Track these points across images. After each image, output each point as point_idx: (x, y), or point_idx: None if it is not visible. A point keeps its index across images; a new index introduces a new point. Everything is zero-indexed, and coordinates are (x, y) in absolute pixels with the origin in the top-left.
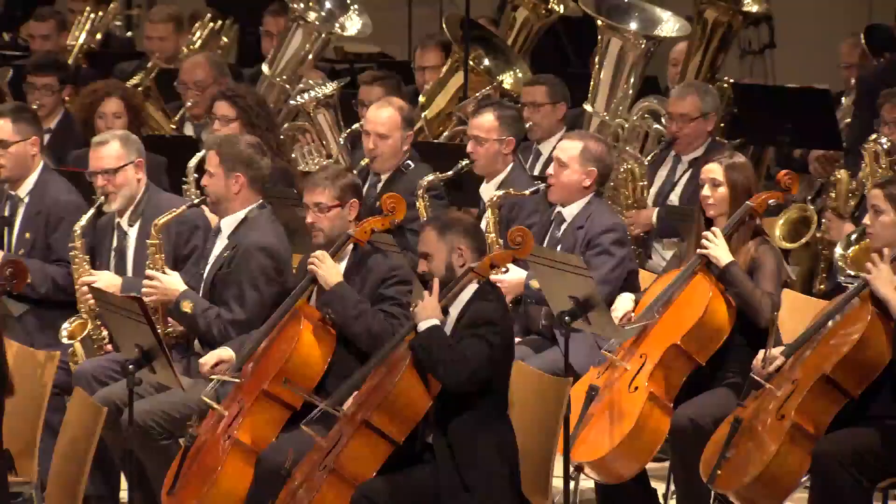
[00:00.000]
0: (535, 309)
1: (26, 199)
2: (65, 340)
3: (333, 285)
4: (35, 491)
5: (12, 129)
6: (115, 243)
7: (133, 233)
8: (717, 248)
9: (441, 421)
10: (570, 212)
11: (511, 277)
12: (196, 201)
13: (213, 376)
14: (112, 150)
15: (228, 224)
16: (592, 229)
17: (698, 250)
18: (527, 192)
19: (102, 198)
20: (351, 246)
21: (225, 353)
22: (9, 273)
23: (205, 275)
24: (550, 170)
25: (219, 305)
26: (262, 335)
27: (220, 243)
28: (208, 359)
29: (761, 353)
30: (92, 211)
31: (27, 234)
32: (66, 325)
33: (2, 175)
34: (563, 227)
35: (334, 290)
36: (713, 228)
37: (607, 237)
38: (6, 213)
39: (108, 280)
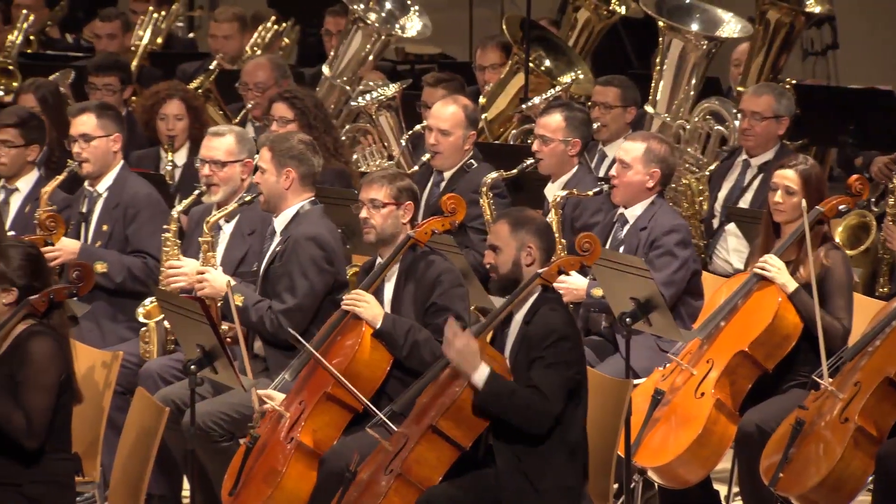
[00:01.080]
0: (597, 315)
1: (105, 195)
2: (140, 318)
3: (378, 327)
4: (98, 490)
5: (96, 123)
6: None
7: (228, 229)
8: (781, 273)
9: (507, 424)
10: (633, 213)
11: (573, 283)
12: (248, 199)
13: (261, 409)
14: (225, 144)
15: (281, 221)
16: (655, 230)
17: (755, 269)
18: (590, 192)
19: (204, 187)
20: (410, 247)
21: (280, 396)
22: (76, 275)
23: (260, 272)
24: (614, 171)
25: (271, 299)
26: (323, 338)
27: (276, 241)
28: (262, 393)
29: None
30: (192, 198)
31: (104, 227)
32: (146, 301)
33: (84, 170)
34: (626, 228)
35: (381, 332)
36: (769, 256)
37: (671, 238)
38: (84, 210)
39: (192, 267)
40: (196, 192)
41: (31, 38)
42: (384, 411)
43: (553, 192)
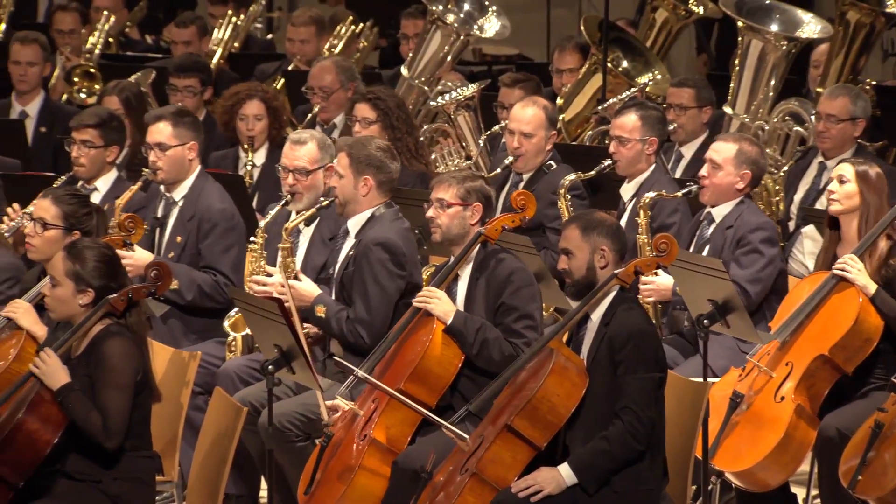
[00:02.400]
0: (680, 312)
1: (180, 203)
2: (228, 330)
3: (449, 324)
4: (176, 489)
5: (172, 132)
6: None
7: (308, 233)
8: (861, 275)
9: (581, 426)
10: (720, 212)
11: (659, 282)
12: (325, 203)
13: (330, 419)
14: (308, 152)
15: (355, 224)
16: (742, 228)
17: (834, 270)
18: (678, 193)
19: (288, 196)
20: (480, 244)
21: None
22: (153, 275)
23: (335, 275)
24: (703, 171)
25: (347, 304)
26: (393, 339)
27: (348, 243)
28: (331, 403)
29: None
30: (278, 208)
31: (178, 238)
32: (231, 313)
33: (159, 178)
34: (713, 227)
35: (452, 329)
36: (850, 256)
37: (756, 235)
38: (159, 214)
39: (278, 282)
40: (281, 201)
41: (111, 39)
42: (460, 412)
43: (629, 192)
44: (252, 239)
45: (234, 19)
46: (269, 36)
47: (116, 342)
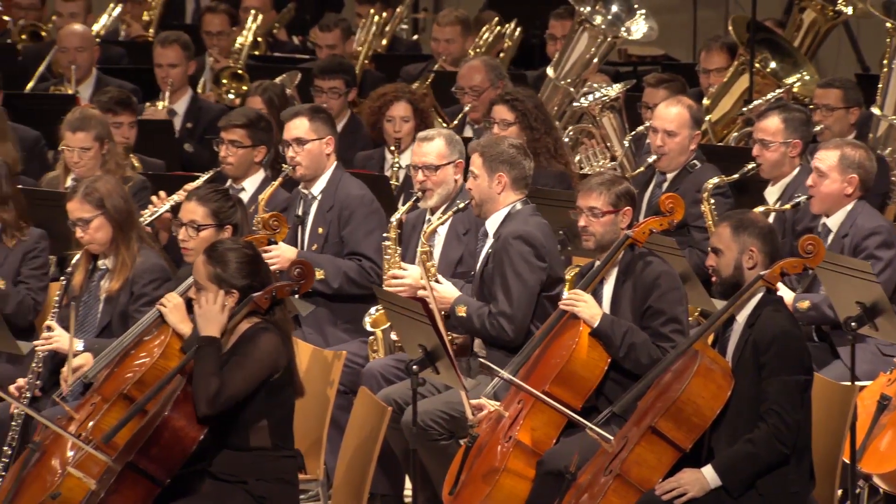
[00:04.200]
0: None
1: (319, 197)
2: (368, 328)
3: (596, 326)
4: (322, 488)
5: (309, 127)
6: (420, 240)
7: (442, 230)
8: None
9: (726, 429)
10: (834, 221)
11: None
12: (461, 206)
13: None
14: (436, 148)
15: (493, 223)
16: (856, 235)
17: None
18: (787, 206)
19: (419, 193)
20: (627, 247)
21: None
22: (297, 273)
23: (475, 274)
24: (810, 180)
25: (488, 300)
26: (538, 342)
27: (488, 243)
28: (476, 402)
29: None
30: (409, 204)
31: (319, 230)
32: (372, 311)
33: (297, 173)
34: (830, 238)
35: (598, 332)
36: None
37: (872, 241)
38: (300, 212)
39: (415, 276)
40: (412, 198)
41: (259, 40)
42: (604, 413)
43: (773, 195)
44: (385, 235)
45: (376, 19)
46: (415, 37)
47: (266, 336)
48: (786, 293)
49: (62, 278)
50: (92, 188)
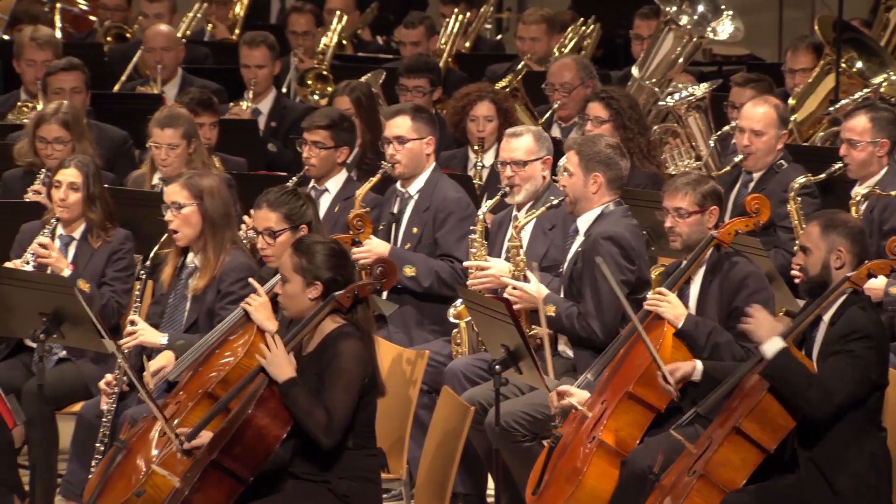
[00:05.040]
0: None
1: (416, 197)
2: (452, 319)
3: (680, 326)
4: (404, 487)
5: (411, 126)
6: (509, 234)
7: (528, 226)
8: None
9: (808, 431)
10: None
11: (871, 283)
12: (555, 202)
13: (559, 405)
14: (524, 144)
15: (584, 222)
16: None
17: None
18: (894, 192)
19: (507, 189)
20: (713, 248)
21: (581, 395)
22: (379, 272)
23: (563, 273)
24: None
25: (577, 299)
26: (623, 342)
27: (578, 241)
28: (562, 388)
29: None
30: (495, 199)
31: (414, 229)
32: (456, 303)
33: (396, 171)
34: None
35: (682, 332)
36: None
37: None
38: (395, 210)
39: (499, 268)
40: (499, 193)
41: (344, 41)
42: (689, 414)
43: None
44: (472, 228)
45: (460, 17)
46: (499, 37)
47: (349, 344)
48: (878, 279)
49: (141, 272)
50: (196, 180)
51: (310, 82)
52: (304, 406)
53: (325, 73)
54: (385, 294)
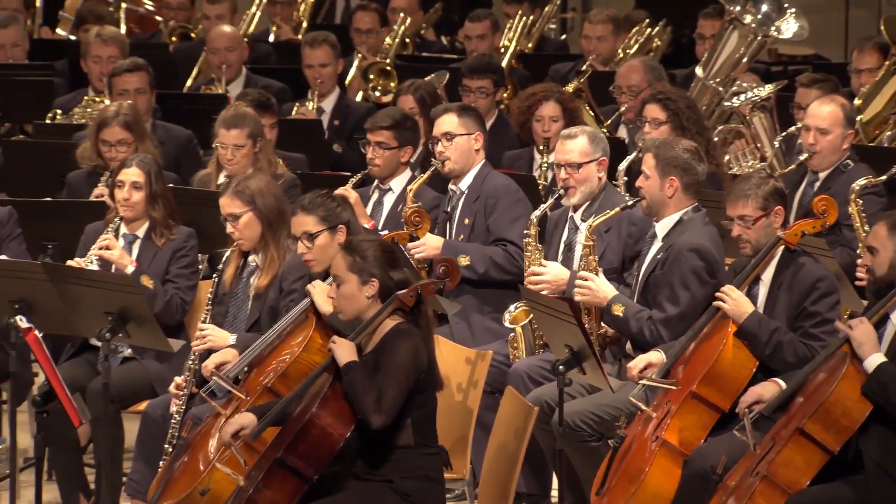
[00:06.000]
0: None
1: (466, 192)
2: (507, 325)
3: (742, 323)
4: (468, 487)
5: (458, 122)
6: (565, 236)
7: (583, 229)
8: None
9: (872, 432)
10: None
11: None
12: (630, 203)
13: (641, 381)
14: (579, 145)
15: (663, 227)
16: None
17: None
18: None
19: (562, 191)
20: (781, 248)
21: (654, 356)
22: (442, 271)
23: (638, 277)
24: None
25: (650, 307)
26: (691, 338)
27: (656, 246)
28: (637, 362)
29: None
30: (550, 201)
31: (466, 220)
32: (511, 308)
33: (446, 168)
34: None
35: (744, 328)
36: None
37: None
38: (448, 208)
39: (556, 272)
40: (554, 196)
41: (407, 40)
42: (752, 415)
43: None
44: (525, 232)
45: (524, 18)
46: (563, 37)
47: (406, 342)
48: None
49: (214, 276)
50: (243, 185)
51: (372, 77)
52: (359, 386)
53: (388, 68)
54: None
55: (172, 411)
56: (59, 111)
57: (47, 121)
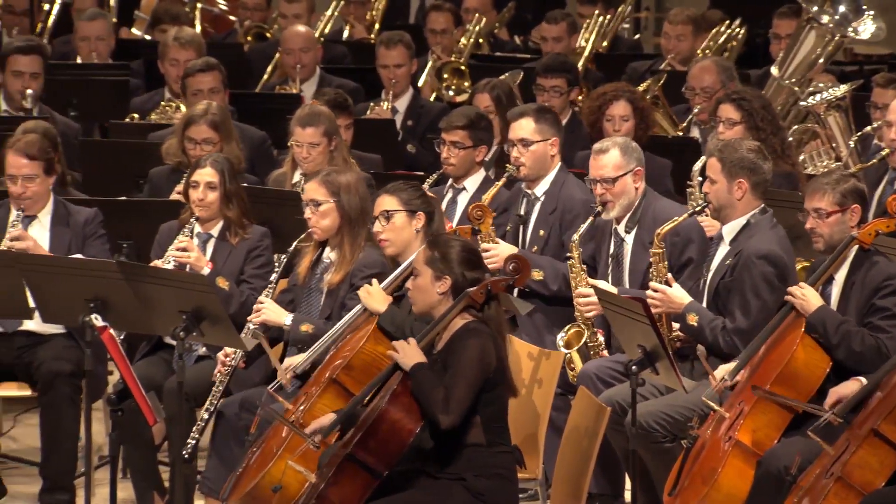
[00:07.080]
0: None
1: (542, 198)
2: (561, 349)
3: (811, 313)
4: (540, 487)
5: (534, 128)
6: (611, 249)
7: (630, 239)
8: None
9: None
10: None
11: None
12: (697, 209)
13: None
14: (611, 159)
15: (730, 230)
16: None
17: None
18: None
19: (600, 206)
20: (855, 248)
21: (724, 370)
22: (512, 268)
23: (707, 282)
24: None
25: (723, 314)
26: (763, 339)
27: (723, 250)
28: (720, 373)
29: None
30: (589, 220)
31: (541, 232)
32: (562, 333)
33: (521, 173)
34: None
35: (812, 320)
36: None
37: None
38: (522, 212)
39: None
40: (592, 214)
41: (481, 40)
42: (825, 415)
43: None
44: (568, 255)
45: (600, 19)
46: (637, 36)
47: (475, 340)
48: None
49: (277, 264)
50: (334, 176)
51: (446, 76)
52: (427, 386)
53: (462, 68)
54: (516, 292)
55: (215, 378)
56: (135, 115)
57: (127, 120)
